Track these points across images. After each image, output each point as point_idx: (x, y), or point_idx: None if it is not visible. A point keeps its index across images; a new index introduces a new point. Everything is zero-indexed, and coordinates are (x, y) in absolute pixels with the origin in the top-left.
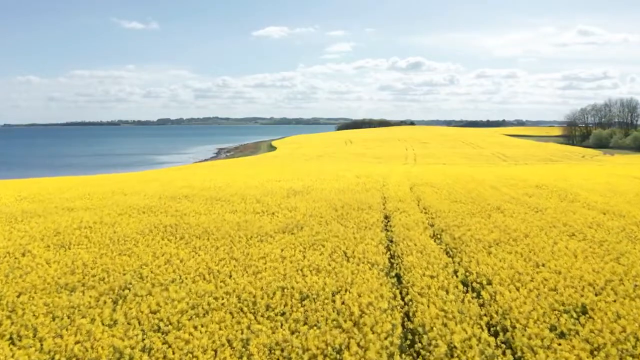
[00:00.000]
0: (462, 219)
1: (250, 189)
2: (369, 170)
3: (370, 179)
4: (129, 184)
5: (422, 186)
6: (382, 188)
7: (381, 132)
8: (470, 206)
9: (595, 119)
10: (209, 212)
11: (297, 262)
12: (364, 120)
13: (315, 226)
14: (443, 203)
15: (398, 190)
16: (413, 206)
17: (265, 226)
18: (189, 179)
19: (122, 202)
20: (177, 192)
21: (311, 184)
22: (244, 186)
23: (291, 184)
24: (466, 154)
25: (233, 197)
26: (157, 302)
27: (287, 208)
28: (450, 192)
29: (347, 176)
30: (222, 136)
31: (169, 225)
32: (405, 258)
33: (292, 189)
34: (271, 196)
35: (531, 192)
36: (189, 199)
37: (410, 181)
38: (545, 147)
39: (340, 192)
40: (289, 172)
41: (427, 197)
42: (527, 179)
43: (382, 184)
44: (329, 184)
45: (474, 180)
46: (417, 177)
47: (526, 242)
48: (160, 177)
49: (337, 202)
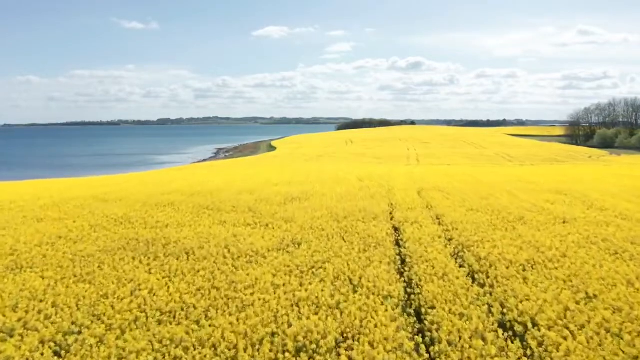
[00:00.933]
0: (483, 233)
1: (244, 194)
2: (371, 172)
3: (374, 183)
4: (114, 189)
5: (431, 191)
6: (387, 194)
7: (381, 132)
8: (489, 216)
9: (600, 119)
10: (194, 223)
11: (293, 292)
12: (364, 120)
13: (315, 242)
14: (458, 211)
15: (405, 196)
16: (424, 215)
17: (257, 242)
18: (180, 183)
19: (99, 211)
20: (163, 199)
21: (310, 189)
22: (237, 191)
23: (289, 188)
24: (469, 154)
25: (224, 205)
26: (108, 355)
27: (284, 219)
28: (463, 198)
29: (349, 179)
30: (222, 136)
31: (144, 240)
32: (424, 287)
33: (289, 195)
34: (266, 203)
35: (551, 199)
36: (174, 207)
37: (417, 185)
38: (549, 147)
39: (342, 198)
40: (287, 174)
41: (438, 204)
42: (541, 182)
43: (387, 188)
44: (329, 188)
45: (486, 183)
46: (423, 180)
47: (566, 265)
48: (151, 179)
49: (339, 210)
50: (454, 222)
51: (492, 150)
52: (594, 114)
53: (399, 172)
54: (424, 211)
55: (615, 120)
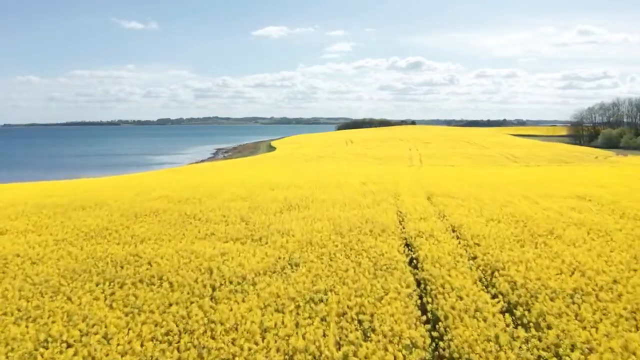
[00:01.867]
0: (511, 250)
1: (237, 200)
2: (374, 174)
3: (379, 187)
4: (95, 194)
5: (442, 197)
6: (395, 200)
7: (382, 132)
8: (513, 227)
9: (603, 119)
10: (177, 237)
11: (286, 337)
12: (365, 120)
13: (315, 263)
14: (476, 222)
15: (415, 203)
16: (439, 227)
17: (247, 263)
18: (169, 187)
19: (72, 222)
20: (146, 207)
21: (310, 194)
22: (230, 197)
23: (287, 193)
24: (472, 154)
25: (213, 214)
26: None
27: (279, 231)
28: (479, 205)
29: (351, 182)
30: (222, 136)
31: (114, 261)
32: (453, 330)
33: (287, 202)
34: (261, 212)
35: (576, 206)
36: (157, 217)
37: (426, 189)
38: (553, 147)
39: (345, 205)
40: (286, 176)
41: (452, 213)
42: (557, 185)
43: (393, 193)
44: (331, 193)
45: (499, 187)
46: (431, 184)
47: (624, 296)
48: (139, 183)
49: (342, 221)
50: (474, 236)
51: (495, 151)
52: (598, 114)
53: (404, 174)
54: (437, 222)
55: (619, 120)
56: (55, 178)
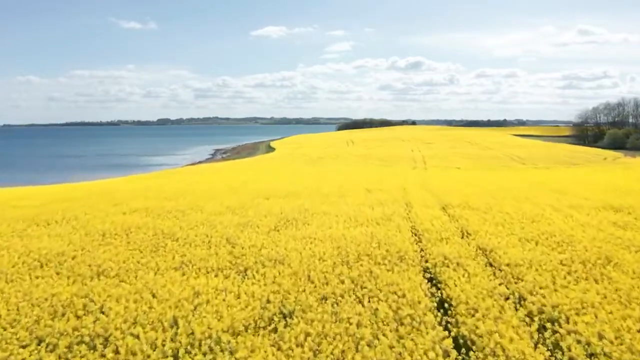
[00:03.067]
0: (566, 287)
1: (225, 214)
2: (380, 179)
3: (387, 196)
4: (69, 205)
5: (460, 208)
6: (407, 213)
7: (383, 132)
8: (557, 252)
9: (609, 118)
10: (142, 268)
11: None
12: (365, 120)
13: (316, 310)
14: (509, 245)
15: (430, 216)
16: (466, 251)
17: (226, 312)
18: (154, 195)
19: (21, 246)
20: (119, 222)
21: (310, 206)
22: (218, 209)
23: (283, 203)
24: (478, 155)
25: (195, 232)
26: None
27: (271, 259)
28: (505, 219)
29: (356, 189)
30: (221, 136)
31: (50, 307)
32: None
33: (283, 215)
34: (252, 230)
35: (617, 220)
36: (128, 237)
37: (439, 198)
38: (560, 148)
39: (350, 220)
40: (283, 182)
41: (477, 231)
42: (583, 193)
43: (403, 203)
44: (333, 204)
45: (521, 196)
46: (443, 191)
47: None
48: (123, 190)
49: (348, 243)
50: (512, 264)
51: (500, 151)
52: (603, 114)
53: (412, 179)
54: (462, 243)
55: (624, 120)
56: (46, 180)
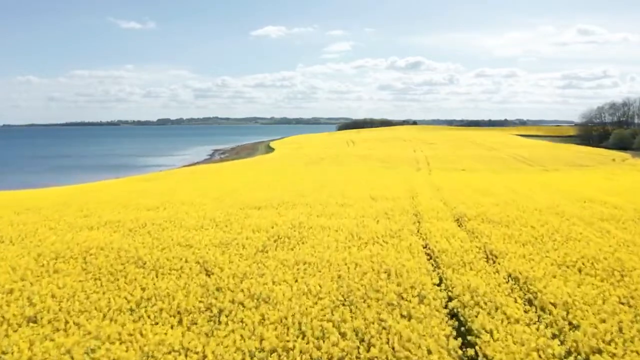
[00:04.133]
0: (633, 343)
1: (207, 228)
2: (384, 185)
3: (393, 205)
4: (32, 218)
5: (477, 221)
6: (418, 228)
7: (384, 132)
8: (610, 285)
9: (614, 118)
10: (90, 308)
11: None
12: (365, 120)
13: None
14: (547, 273)
15: (446, 233)
16: (496, 281)
17: None
18: (132, 204)
19: None
20: (81, 240)
21: (306, 219)
22: (199, 223)
23: (276, 215)
24: (483, 156)
25: (167, 254)
26: None
27: (254, 296)
28: (533, 236)
29: (358, 197)
30: (221, 136)
31: None
32: None
33: (274, 231)
34: (235, 252)
35: None
36: (85, 261)
37: (452, 208)
38: (566, 149)
39: (353, 239)
40: (278, 187)
41: (504, 253)
42: (609, 200)
43: (412, 214)
44: (333, 216)
45: (543, 205)
46: (455, 199)
47: None
48: (98, 197)
49: (351, 274)
50: (559, 303)
51: (505, 152)
52: (608, 113)
53: (418, 184)
54: (489, 270)
55: (630, 120)
56: (35, 183)
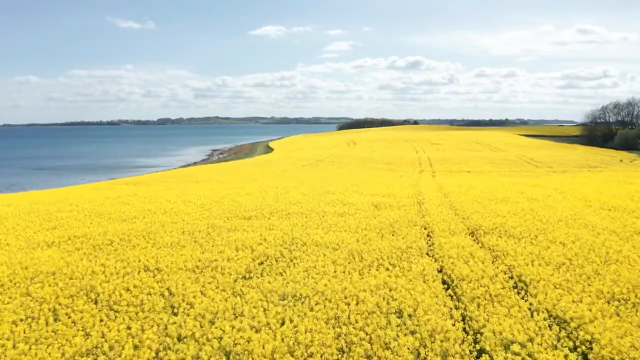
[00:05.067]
0: None
1: (185, 245)
2: (386, 188)
3: (399, 214)
4: None
5: (496, 236)
6: (430, 247)
7: (386, 132)
8: None
9: (619, 118)
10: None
11: None
12: (366, 120)
13: None
14: (596, 311)
15: (463, 251)
16: (536, 326)
17: None
18: (107, 213)
19: None
20: (25, 264)
21: (301, 232)
22: (176, 238)
23: (265, 228)
24: (488, 158)
25: (125, 283)
26: None
27: (226, 351)
28: (568, 258)
29: (360, 205)
30: (221, 136)
31: None
32: None
33: (261, 249)
34: (211, 279)
35: None
36: (17, 295)
37: (465, 219)
38: (573, 149)
39: (354, 261)
40: (271, 193)
41: (536, 280)
42: (635, 209)
43: (421, 227)
44: (332, 228)
45: (566, 215)
46: (467, 207)
47: None
48: (78, 202)
49: (352, 317)
50: None
51: (511, 153)
52: (612, 113)
53: (425, 188)
54: (522, 307)
55: (634, 120)
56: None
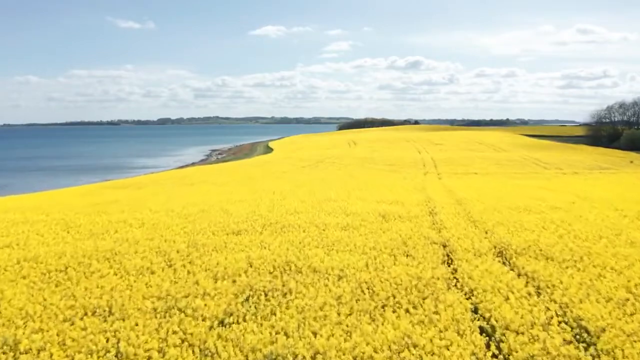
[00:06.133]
0: None
1: (155, 271)
2: (392, 193)
3: (410, 228)
4: None
5: (532, 258)
6: (454, 272)
7: (387, 132)
8: None
9: (624, 118)
10: None
11: None
12: (366, 120)
13: None
14: None
15: (500, 286)
16: None
17: None
18: (79, 223)
19: None
20: None
21: (295, 257)
22: (147, 262)
23: (256, 246)
24: (493, 158)
25: (56, 342)
26: None
27: None
28: (629, 289)
29: (365, 216)
30: (220, 136)
31: None
32: None
33: (245, 281)
34: (177, 327)
35: None
36: None
37: (487, 233)
38: (580, 150)
39: (363, 299)
40: (267, 199)
41: (601, 325)
42: None
43: (440, 244)
44: (334, 247)
45: (606, 230)
46: (486, 217)
47: None
48: (39, 216)
49: None
50: None
51: (516, 154)
52: (618, 113)
53: (435, 194)
54: None
55: (639, 120)
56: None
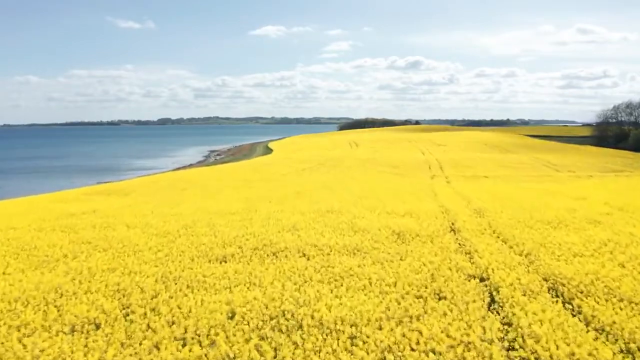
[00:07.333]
0: None
1: (87, 329)
2: (403, 202)
3: (435, 253)
4: None
5: (601, 300)
6: (503, 316)
7: (388, 133)
8: None
9: (631, 118)
10: None
11: None
12: (367, 120)
13: None
14: None
15: (573, 346)
16: None
17: None
18: (13, 256)
19: None
20: None
21: (292, 303)
22: (83, 313)
23: (239, 286)
24: (500, 160)
25: None
26: None
27: None
28: None
29: (375, 231)
30: (220, 136)
31: None
32: None
33: (221, 350)
34: None
35: None
36: None
37: (526, 256)
38: (588, 151)
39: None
40: (263, 211)
41: None
42: None
43: (476, 277)
44: (344, 285)
45: None
46: (517, 234)
47: None
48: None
49: None
50: None
51: (523, 155)
52: (625, 113)
53: (452, 205)
54: None
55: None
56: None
